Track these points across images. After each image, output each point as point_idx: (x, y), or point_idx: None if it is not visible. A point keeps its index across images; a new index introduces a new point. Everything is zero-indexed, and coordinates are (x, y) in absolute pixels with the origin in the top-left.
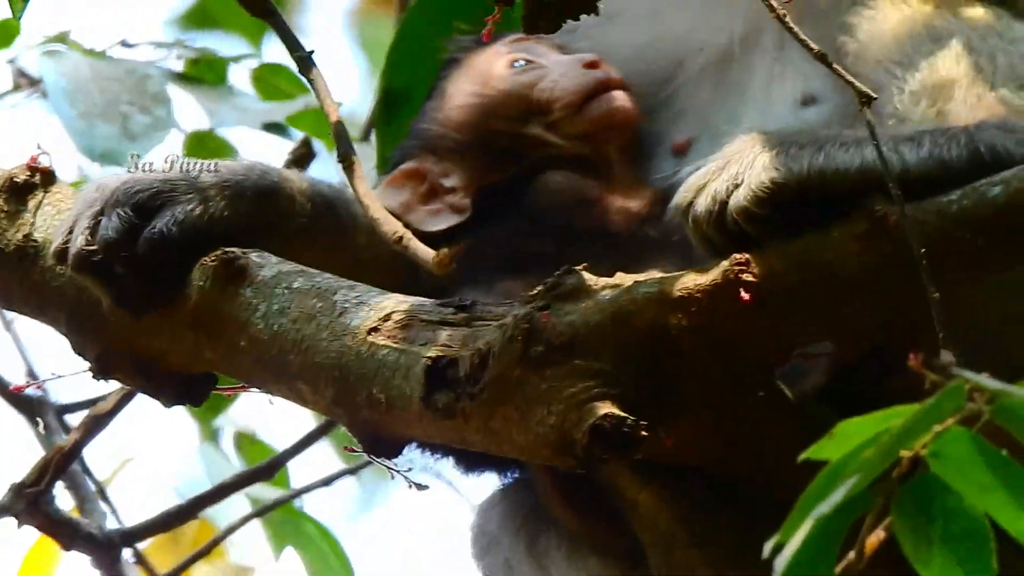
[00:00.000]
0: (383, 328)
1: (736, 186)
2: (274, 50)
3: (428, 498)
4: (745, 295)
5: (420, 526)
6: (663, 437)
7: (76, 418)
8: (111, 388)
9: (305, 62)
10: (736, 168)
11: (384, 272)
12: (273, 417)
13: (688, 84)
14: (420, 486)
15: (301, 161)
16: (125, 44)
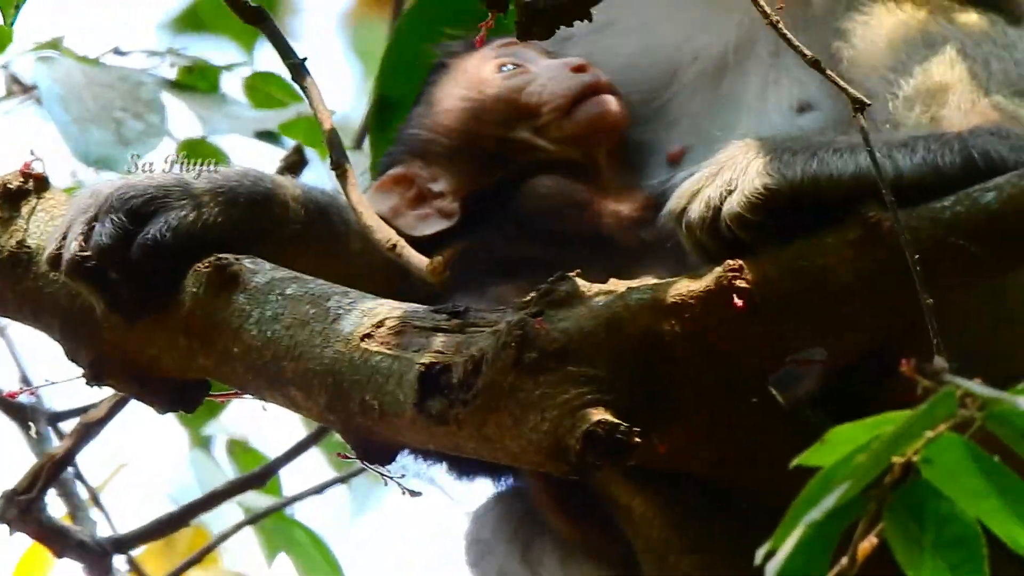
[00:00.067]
0: (376, 334)
1: (730, 192)
2: (266, 55)
3: (421, 504)
4: (738, 301)
5: (413, 532)
6: (656, 443)
7: (69, 425)
8: (103, 395)
9: (298, 69)
10: (730, 174)
11: (378, 278)
12: (265, 425)
13: (682, 93)
14: (413, 492)
15: (294, 168)
16: (118, 52)
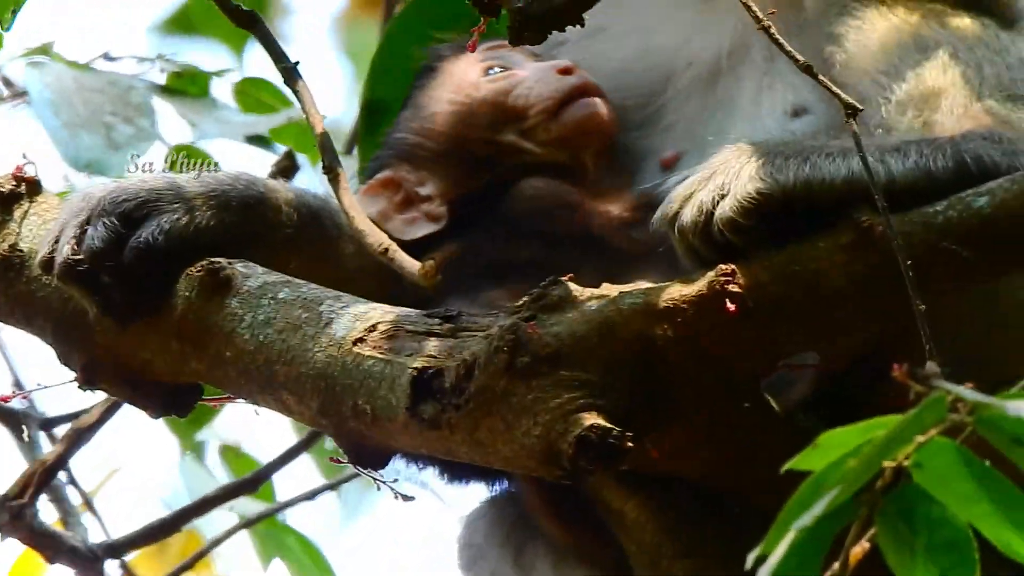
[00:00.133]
0: (369, 339)
1: (722, 196)
2: (257, 56)
3: (414, 509)
4: (731, 306)
5: (406, 537)
6: (649, 448)
7: (61, 430)
8: (96, 400)
9: (290, 73)
10: (722, 179)
11: (370, 282)
12: (258, 430)
13: (676, 99)
14: (406, 497)
15: (285, 173)
16: (108, 57)
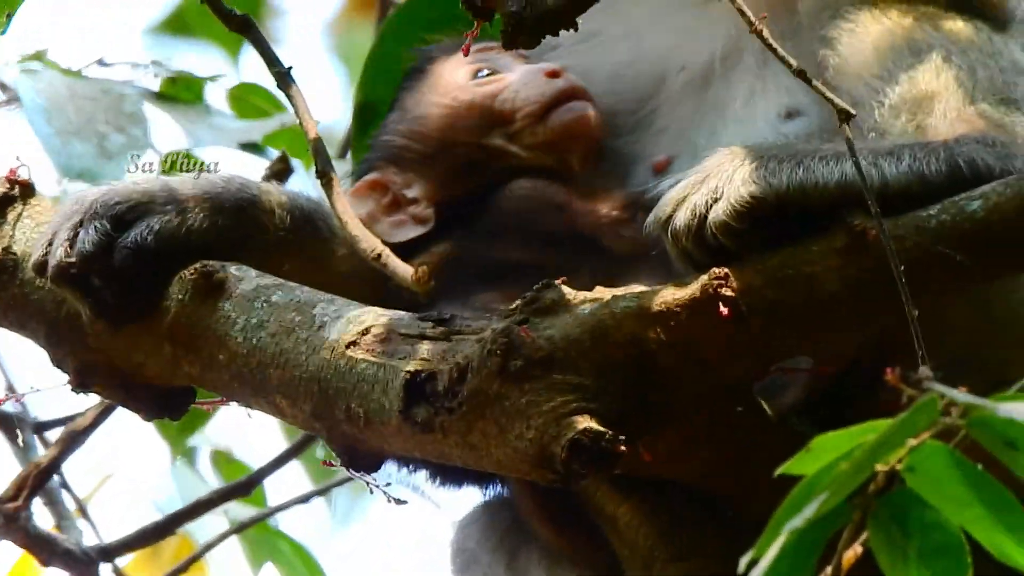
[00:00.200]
0: (362, 342)
1: (715, 200)
2: (252, 60)
3: (406, 513)
4: (724, 310)
5: (398, 541)
6: (642, 452)
7: (54, 434)
8: (89, 404)
9: (283, 78)
10: (716, 182)
11: (363, 285)
12: (249, 435)
13: (669, 103)
14: (399, 501)
15: (279, 176)
16: (101, 63)
